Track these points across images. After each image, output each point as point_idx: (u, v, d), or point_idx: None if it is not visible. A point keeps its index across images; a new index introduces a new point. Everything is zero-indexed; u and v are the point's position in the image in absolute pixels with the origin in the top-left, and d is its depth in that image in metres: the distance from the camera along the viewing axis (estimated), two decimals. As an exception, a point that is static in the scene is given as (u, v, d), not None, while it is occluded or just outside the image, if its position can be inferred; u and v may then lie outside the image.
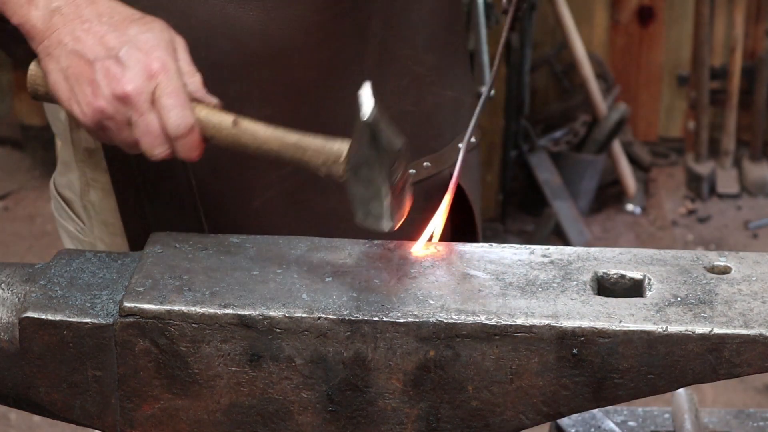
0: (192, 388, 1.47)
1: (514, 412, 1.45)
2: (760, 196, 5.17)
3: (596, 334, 1.41)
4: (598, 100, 5.02)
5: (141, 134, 1.53)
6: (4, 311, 1.51)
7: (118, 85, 1.51)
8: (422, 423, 1.46)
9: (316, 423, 1.47)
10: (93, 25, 1.54)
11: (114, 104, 1.52)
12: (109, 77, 1.52)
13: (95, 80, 1.52)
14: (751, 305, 1.43)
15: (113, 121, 1.53)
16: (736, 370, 1.41)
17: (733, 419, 2.06)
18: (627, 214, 5.10)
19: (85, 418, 1.51)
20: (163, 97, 1.52)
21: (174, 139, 1.53)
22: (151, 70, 1.52)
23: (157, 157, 1.55)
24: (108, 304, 1.48)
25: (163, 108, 1.52)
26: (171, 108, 1.52)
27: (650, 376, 1.42)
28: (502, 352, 1.42)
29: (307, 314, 1.43)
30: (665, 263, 1.52)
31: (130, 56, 1.52)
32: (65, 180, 1.88)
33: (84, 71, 1.52)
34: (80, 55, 1.53)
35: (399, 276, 1.51)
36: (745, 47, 5.18)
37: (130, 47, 1.52)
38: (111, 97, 1.51)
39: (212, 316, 1.44)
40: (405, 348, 1.43)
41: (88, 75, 1.52)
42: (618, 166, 5.12)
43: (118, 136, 1.55)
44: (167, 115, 1.52)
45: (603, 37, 5.29)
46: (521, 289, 1.48)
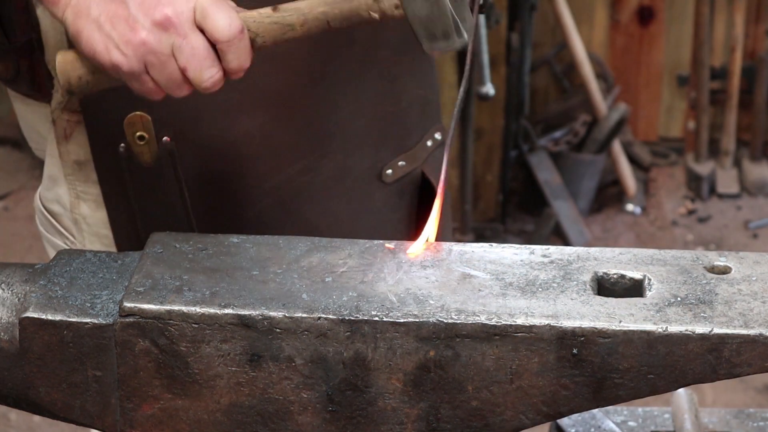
0: (192, 388, 1.47)
1: (514, 412, 1.45)
2: (760, 196, 5.17)
3: (596, 334, 1.41)
4: (598, 100, 5.02)
5: (187, 58, 1.48)
6: (4, 311, 1.51)
7: (157, 11, 1.47)
8: (422, 423, 1.46)
9: (316, 423, 1.47)
10: None
11: (155, 33, 1.47)
12: (145, 7, 1.47)
13: (131, 15, 1.47)
14: (751, 305, 1.43)
15: (156, 54, 1.48)
16: (736, 370, 1.41)
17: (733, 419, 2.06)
18: (627, 214, 5.10)
19: (85, 418, 1.51)
20: (205, 7, 1.47)
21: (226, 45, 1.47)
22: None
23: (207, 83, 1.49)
24: (108, 304, 1.48)
25: (208, 18, 1.47)
26: (216, 14, 1.47)
27: (650, 376, 1.42)
28: (502, 352, 1.42)
29: (307, 314, 1.43)
30: (665, 263, 1.52)
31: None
32: (52, 194, 1.87)
33: (118, 11, 1.48)
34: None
35: (399, 276, 1.51)
36: (745, 47, 5.18)
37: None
38: (151, 25, 1.47)
39: (212, 316, 1.44)
40: (405, 348, 1.43)
41: (122, 13, 1.48)
42: (618, 166, 5.12)
43: (164, 71, 1.49)
44: (214, 23, 1.47)
45: (603, 37, 5.29)
46: (521, 289, 1.48)
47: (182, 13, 1.47)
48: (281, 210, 1.79)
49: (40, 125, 1.84)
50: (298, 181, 1.78)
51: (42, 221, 1.91)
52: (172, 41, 1.48)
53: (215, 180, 1.76)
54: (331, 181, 1.82)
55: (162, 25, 1.47)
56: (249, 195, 1.77)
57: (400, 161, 1.90)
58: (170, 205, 1.75)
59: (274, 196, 1.77)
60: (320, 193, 1.82)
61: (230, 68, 1.50)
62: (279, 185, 1.77)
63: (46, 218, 1.90)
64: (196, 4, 1.47)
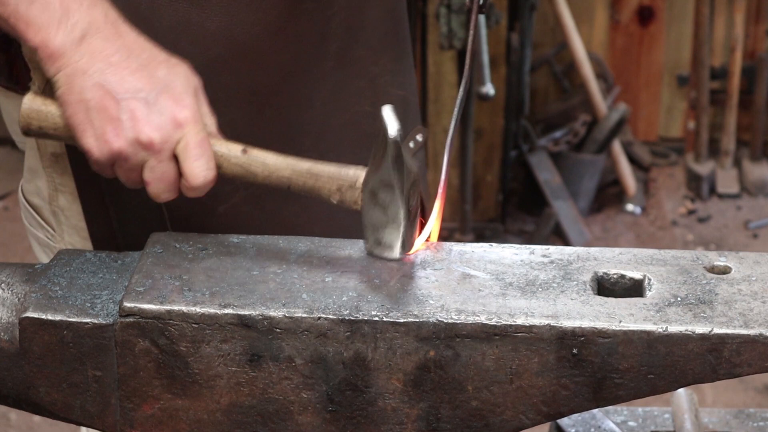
0: (192, 388, 1.47)
1: (514, 412, 1.45)
2: (760, 196, 5.17)
3: (596, 334, 1.41)
4: (598, 100, 5.02)
5: (155, 179, 1.52)
6: (4, 311, 1.51)
7: (143, 130, 1.49)
8: (422, 423, 1.46)
9: (316, 423, 1.47)
10: (122, 60, 1.50)
11: (134, 147, 1.49)
12: (135, 120, 1.49)
13: (119, 119, 1.49)
14: (751, 305, 1.43)
15: (127, 162, 1.51)
16: (736, 370, 1.41)
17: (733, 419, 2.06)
18: (627, 214, 5.10)
19: (85, 418, 1.51)
20: (189, 146, 1.50)
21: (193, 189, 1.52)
22: (179, 119, 1.50)
23: (161, 200, 1.54)
24: (108, 304, 1.48)
25: (188, 158, 1.50)
26: (197, 158, 1.50)
27: (650, 376, 1.42)
28: (502, 352, 1.42)
29: (307, 314, 1.43)
30: (665, 263, 1.52)
31: (159, 101, 1.50)
32: (33, 186, 1.87)
33: (108, 107, 1.49)
34: (106, 90, 1.49)
35: (399, 276, 1.51)
36: (745, 47, 5.17)
37: (160, 92, 1.50)
38: (134, 140, 1.49)
39: (212, 316, 1.44)
40: (405, 348, 1.43)
41: (112, 112, 1.49)
42: (618, 166, 5.12)
43: (128, 176, 1.53)
44: (192, 165, 1.50)
45: (603, 37, 5.29)
46: (521, 289, 1.48)
47: (167, 142, 1.50)
48: (254, 206, 1.78)
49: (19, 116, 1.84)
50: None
51: (26, 215, 1.92)
52: (147, 159, 1.51)
53: None
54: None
55: (144, 146, 1.50)
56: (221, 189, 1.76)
57: None
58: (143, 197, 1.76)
59: (246, 192, 1.77)
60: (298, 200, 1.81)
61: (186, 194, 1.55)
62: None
63: (29, 211, 1.90)
64: (182, 138, 1.50)
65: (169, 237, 1.59)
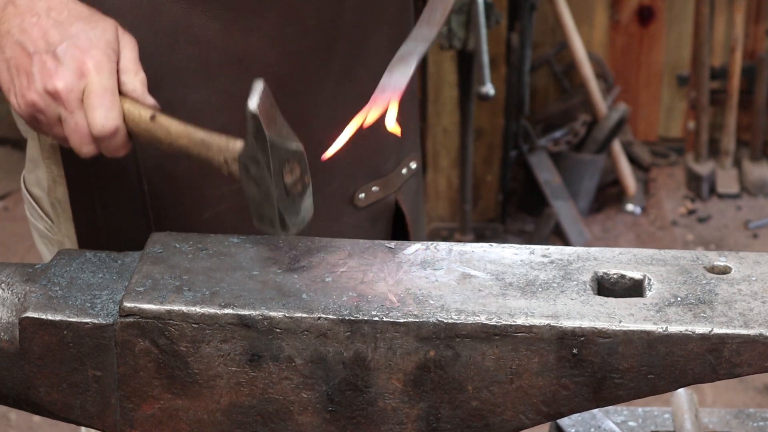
0: (192, 388, 1.47)
1: (514, 412, 1.45)
2: (760, 196, 5.17)
3: (596, 334, 1.41)
4: (598, 100, 5.02)
5: (69, 131, 1.55)
6: (4, 311, 1.51)
7: (50, 81, 1.53)
8: (422, 423, 1.46)
9: (316, 423, 1.47)
10: (41, 19, 1.55)
11: (45, 99, 1.53)
12: (44, 71, 1.53)
13: (31, 72, 1.54)
14: (751, 305, 1.43)
15: (44, 115, 1.55)
16: (736, 370, 1.41)
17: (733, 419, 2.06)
18: (627, 214, 5.10)
19: (85, 418, 1.51)
20: (90, 96, 1.53)
21: (97, 139, 1.55)
22: (83, 68, 1.53)
23: (85, 155, 1.56)
24: (108, 304, 1.48)
25: (88, 108, 1.53)
26: (96, 108, 1.53)
27: (650, 376, 1.42)
28: (502, 352, 1.42)
29: (307, 314, 1.43)
30: (665, 263, 1.52)
31: (67, 53, 1.53)
32: (34, 177, 1.89)
33: (23, 62, 1.54)
34: (23, 46, 1.54)
35: (399, 276, 1.51)
36: (745, 47, 5.18)
37: (68, 44, 1.54)
38: (43, 91, 1.53)
39: (212, 316, 1.44)
40: (405, 348, 1.43)
41: (26, 67, 1.54)
42: (618, 166, 5.12)
43: (50, 131, 1.57)
44: (91, 114, 1.53)
45: (603, 37, 5.29)
46: (521, 289, 1.48)
47: (71, 91, 1.53)
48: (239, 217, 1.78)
49: None
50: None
51: (28, 207, 1.94)
52: (59, 111, 1.54)
53: (175, 177, 1.77)
54: None
55: (51, 95, 1.54)
56: (207, 197, 1.77)
57: (373, 186, 1.89)
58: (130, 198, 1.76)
59: (232, 201, 1.78)
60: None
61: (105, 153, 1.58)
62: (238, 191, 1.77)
63: (30, 202, 1.92)
64: (86, 87, 1.54)
65: (169, 237, 1.59)
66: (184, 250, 1.56)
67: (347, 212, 1.87)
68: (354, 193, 1.87)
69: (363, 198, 1.88)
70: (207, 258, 1.54)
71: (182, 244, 1.57)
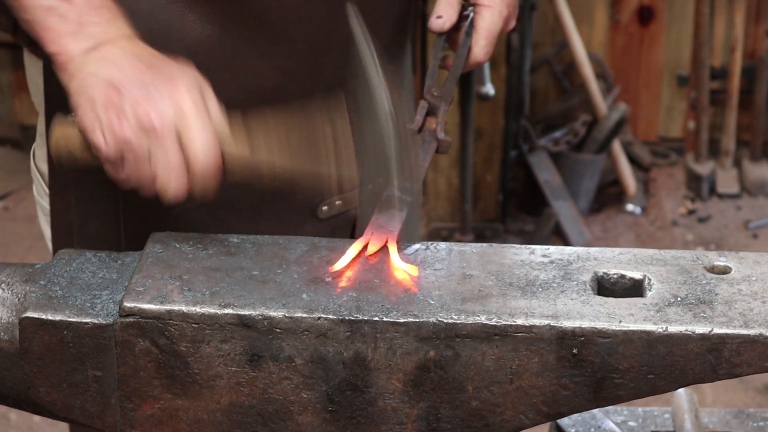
0: (192, 388, 1.47)
1: (514, 412, 1.45)
2: (760, 196, 5.17)
3: (596, 334, 1.41)
4: (598, 100, 5.02)
5: (161, 167, 1.51)
6: (4, 311, 1.51)
7: (146, 115, 1.49)
8: (422, 423, 1.46)
9: (316, 423, 1.47)
10: (130, 62, 1.53)
11: (138, 134, 1.50)
12: (137, 107, 1.50)
13: (123, 109, 1.50)
14: (751, 305, 1.43)
15: (134, 152, 1.51)
16: (736, 370, 1.41)
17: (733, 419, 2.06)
18: (627, 214, 5.10)
19: (85, 418, 1.51)
20: (190, 130, 1.50)
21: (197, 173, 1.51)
22: (180, 104, 1.50)
23: (170, 195, 1.52)
24: (108, 304, 1.48)
25: (190, 141, 1.50)
26: (197, 140, 1.50)
27: (650, 376, 1.42)
28: (502, 352, 1.42)
29: (307, 314, 1.43)
30: (665, 263, 1.52)
31: (161, 89, 1.51)
32: (42, 152, 1.89)
33: (113, 99, 1.51)
34: (112, 84, 1.51)
35: (399, 276, 1.50)
36: (745, 47, 5.17)
37: (162, 82, 1.51)
38: (136, 126, 1.50)
39: (212, 316, 1.44)
40: (405, 348, 1.43)
41: (117, 103, 1.51)
42: (618, 166, 5.12)
43: (137, 170, 1.52)
44: (194, 148, 1.50)
45: (603, 37, 5.29)
46: (521, 289, 1.48)
47: (166, 125, 1.50)
48: (206, 215, 1.78)
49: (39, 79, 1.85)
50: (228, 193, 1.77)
51: (36, 185, 1.94)
52: (152, 147, 1.51)
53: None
54: (261, 202, 1.83)
55: (147, 130, 1.50)
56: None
57: (337, 200, 1.90)
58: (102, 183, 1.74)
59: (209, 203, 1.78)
60: (248, 211, 1.82)
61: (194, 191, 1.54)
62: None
63: (37, 179, 1.92)
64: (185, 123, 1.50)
65: (169, 237, 1.59)
66: (184, 250, 1.56)
67: (308, 222, 1.89)
68: (318, 206, 1.88)
69: (326, 210, 1.89)
70: (207, 258, 1.54)
71: (182, 244, 1.57)
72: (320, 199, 1.88)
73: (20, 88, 5.31)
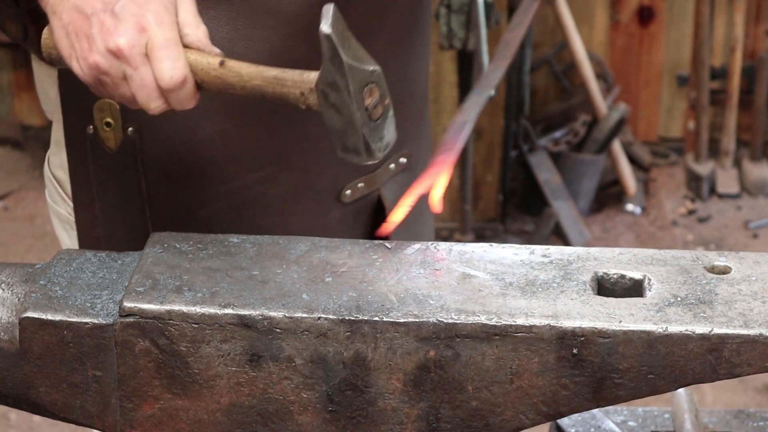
0: (192, 388, 1.47)
1: (514, 412, 1.45)
2: (760, 196, 5.17)
3: (596, 334, 1.41)
4: (598, 100, 5.02)
5: (136, 88, 1.51)
6: (4, 311, 1.51)
7: (111, 39, 1.50)
8: (422, 423, 1.46)
9: (316, 423, 1.47)
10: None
11: (108, 59, 1.50)
12: (104, 31, 1.50)
13: (91, 34, 1.51)
14: (751, 305, 1.43)
15: (109, 76, 1.52)
16: (736, 370, 1.41)
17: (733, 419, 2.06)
18: (627, 214, 5.10)
19: (85, 418, 1.51)
20: (154, 48, 1.50)
21: (167, 91, 1.51)
22: (143, 22, 1.50)
23: (154, 110, 1.53)
24: (108, 304, 1.48)
25: (154, 60, 1.50)
26: (162, 59, 1.50)
27: (650, 376, 1.42)
28: (502, 352, 1.42)
29: (307, 314, 1.43)
30: (665, 263, 1.52)
31: (125, 9, 1.51)
32: (58, 160, 1.89)
33: (82, 26, 1.51)
34: (79, 9, 1.52)
35: (399, 276, 1.51)
36: (745, 47, 5.17)
37: (125, 1, 1.51)
38: (105, 51, 1.50)
39: (212, 316, 1.44)
40: (405, 348, 1.43)
41: (86, 29, 1.51)
42: (618, 166, 5.12)
43: (116, 91, 1.53)
44: (158, 67, 1.50)
45: (603, 37, 5.29)
46: (521, 289, 1.48)
47: (134, 47, 1.50)
48: (234, 215, 1.79)
49: (50, 88, 1.86)
50: (255, 190, 1.79)
51: (50, 191, 1.94)
52: (123, 69, 1.51)
53: (173, 175, 1.77)
54: (288, 195, 1.83)
55: (114, 54, 1.50)
56: (203, 195, 1.78)
57: (359, 183, 1.90)
58: (128, 192, 1.77)
59: (228, 200, 1.78)
60: (276, 205, 1.83)
61: (173, 107, 1.54)
62: (234, 191, 1.78)
63: (53, 186, 1.92)
64: (148, 41, 1.50)
65: (169, 237, 1.59)
66: (184, 250, 1.56)
67: (334, 208, 1.89)
68: (341, 190, 1.88)
69: (349, 194, 1.89)
70: (207, 258, 1.54)
71: (182, 244, 1.57)
72: (343, 183, 1.89)
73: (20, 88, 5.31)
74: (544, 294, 1.46)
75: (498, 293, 1.47)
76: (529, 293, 1.47)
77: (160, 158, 1.75)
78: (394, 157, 1.95)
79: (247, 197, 1.79)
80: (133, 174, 1.76)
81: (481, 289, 1.48)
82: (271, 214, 1.82)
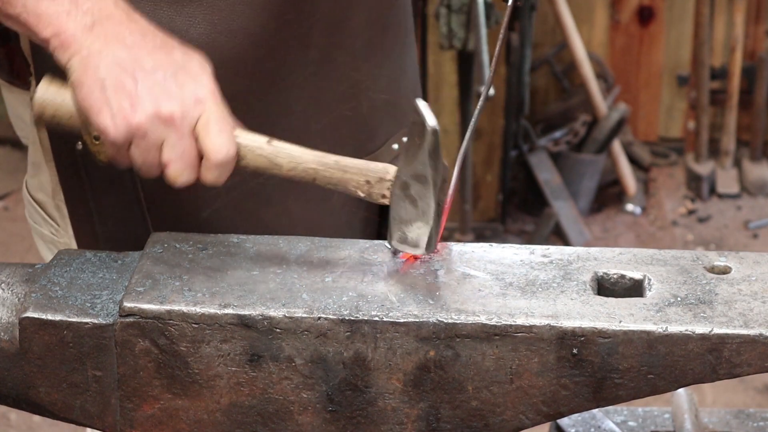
0: (192, 388, 1.47)
1: (514, 412, 1.45)
2: (760, 196, 5.17)
3: (596, 334, 1.41)
4: (598, 100, 5.02)
5: (175, 157, 1.48)
6: (4, 311, 1.51)
7: (164, 104, 1.46)
8: (422, 423, 1.46)
9: (316, 423, 1.47)
10: (137, 41, 1.49)
11: (153, 122, 1.46)
12: (154, 94, 1.46)
13: (137, 95, 1.46)
14: (751, 305, 1.43)
15: (146, 139, 1.47)
16: (736, 370, 1.41)
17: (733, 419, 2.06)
18: (627, 214, 5.10)
19: (85, 418, 1.51)
20: (210, 122, 1.47)
21: (216, 165, 1.48)
22: (198, 95, 1.47)
23: (179, 183, 1.50)
24: (108, 304, 1.48)
25: (209, 133, 1.47)
26: (219, 133, 1.47)
27: (650, 376, 1.42)
28: (502, 352, 1.42)
29: (307, 314, 1.43)
30: (665, 263, 1.52)
31: (179, 78, 1.48)
32: (36, 182, 1.87)
33: (126, 84, 1.46)
34: (124, 67, 1.47)
35: (399, 276, 1.51)
36: (745, 47, 5.18)
37: (177, 70, 1.48)
38: (153, 114, 1.46)
39: (212, 316, 1.44)
40: (405, 348, 1.43)
41: (130, 88, 1.46)
42: (618, 166, 5.12)
43: (145, 156, 1.49)
44: (214, 140, 1.47)
45: (603, 37, 5.29)
46: (521, 289, 1.48)
47: (187, 117, 1.47)
48: (236, 211, 1.78)
49: (24, 112, 1.84)
50: (253, 183, 1.77)
51: (30, 212, 1.92)
52: (166, 136, 1.47)
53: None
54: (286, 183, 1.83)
55: (163, 120, 1.46)
56: (204, 196, 1.76)
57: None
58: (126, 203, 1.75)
59: (229, 197, 1.77)
60: (276, 194, 1.81)
61: (205, 180, 1.51)
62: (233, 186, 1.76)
63: (34, 208, 1.90)
64: (203, 114, 1.47)
65: (169, 237, 1.59)
66: (185, 250, 1.56)
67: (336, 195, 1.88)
68: None
69: None
70: (207, 258, 1.54)
71: (182, 244, 1.57)
72: None
73: (20, 88, 5.31)
74: (544, 294, 1.46)
75: (498, 293, 1.47)
76: (529, 293, 1.47)
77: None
78: (397, 136, 1.95)
79: (246, 192, 1.78)
80: (128, 182, 1.74)
81: (481, 289, 1.48)
82: (272, 204, 1.81)
